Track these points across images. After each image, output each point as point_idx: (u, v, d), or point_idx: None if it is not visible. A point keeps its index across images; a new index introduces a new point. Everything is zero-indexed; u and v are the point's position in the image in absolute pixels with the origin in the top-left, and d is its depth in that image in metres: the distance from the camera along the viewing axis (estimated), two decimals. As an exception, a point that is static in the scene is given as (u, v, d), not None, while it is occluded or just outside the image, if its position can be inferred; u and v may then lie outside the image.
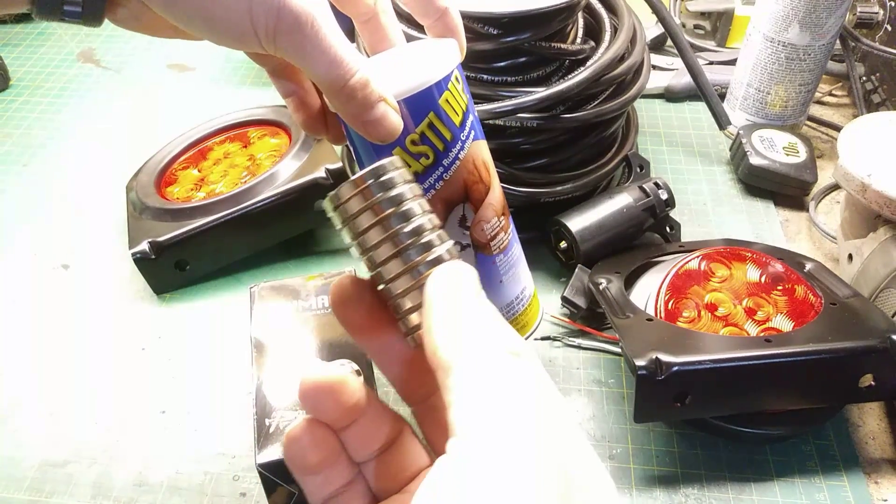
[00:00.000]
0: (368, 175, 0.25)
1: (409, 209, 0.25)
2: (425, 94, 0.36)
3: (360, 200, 0.25)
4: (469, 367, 0.23)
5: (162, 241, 0.54)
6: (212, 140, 0.63)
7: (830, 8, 0.60)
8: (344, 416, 0.27)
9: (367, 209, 0.25)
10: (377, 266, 0.26)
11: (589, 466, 0.23)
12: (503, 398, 0.22)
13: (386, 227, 0.25)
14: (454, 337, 0.23)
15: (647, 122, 0.72)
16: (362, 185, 0.25)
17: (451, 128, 0.38)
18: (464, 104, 0.38)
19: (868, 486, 0.44)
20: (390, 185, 0.25)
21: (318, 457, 0.27)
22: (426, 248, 0.25)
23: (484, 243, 0.41)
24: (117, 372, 0.50)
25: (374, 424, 0.28)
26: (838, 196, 0.64)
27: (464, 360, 0.23)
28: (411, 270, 0.25)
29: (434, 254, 0.25)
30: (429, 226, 0.26)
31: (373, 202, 0.25)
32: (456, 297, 0.24)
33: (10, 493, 0.44)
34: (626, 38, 0.55)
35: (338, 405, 0.27)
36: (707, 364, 0.41)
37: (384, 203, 0.25)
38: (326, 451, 0.27)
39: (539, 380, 0.23)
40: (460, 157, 0.39)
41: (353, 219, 0.26)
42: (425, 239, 0.25)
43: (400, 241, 0.25)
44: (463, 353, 0.23)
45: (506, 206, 0.43)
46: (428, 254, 0.25)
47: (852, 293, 0.47)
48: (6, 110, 0.75)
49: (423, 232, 0.25)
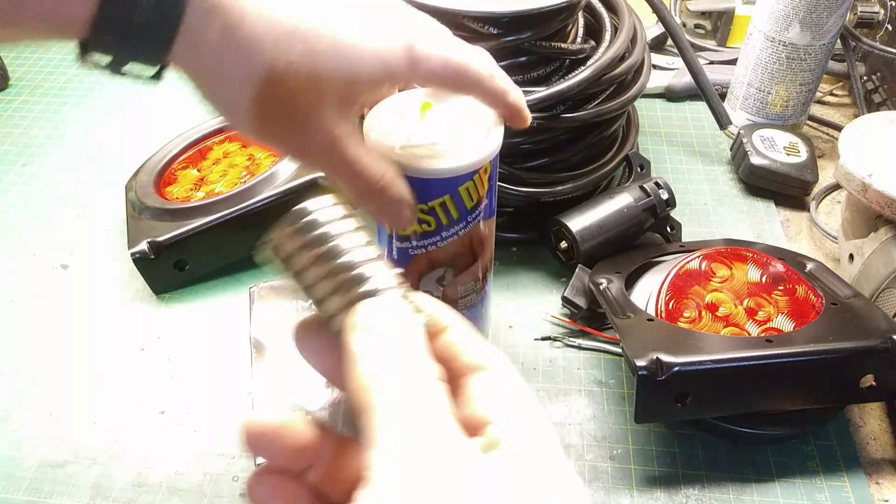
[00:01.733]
0: (298, 214, 0.25)
1: (339, 244, 0.25)
2: (448, 181, 0.37)
3: (293, 240, 0.25)
4: (385, 410, 0.22)
5: (161, 241, 0.53)
6: (211, 140, 0.63)
7: (831, 7, 0.60)
8: (297, 459, 0.26)
9: (300, 248, 0.25)
10: (320, 304, 0.25)
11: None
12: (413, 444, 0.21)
13: (320, 263, 0.25)
14: (372, 378, 0.22)
15: (647, 121, 0.72)
16: (293, 224, 0.25)
17: (461, 211, 0.39)
18: (483, 191, 0.39)
19: (869, 486, 0.44)
20: (320, 223, 0.25)
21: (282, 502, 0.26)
22: (360, 281, 0.25)
23: (453, 300, 0.43)
24: (117, 372, 0.50)
25: (337, 460, 0.27)
26: (839, 196, 0.64)
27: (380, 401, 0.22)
28: (350, 303, 0.24)
29: (367, 285, 0.25)
30: (363, 257, 0.25)
31: (305, 240, 0.25)
32: (378, 336, 0.23)
33: (10, 494, 0.44)
34: (627, 37, 0.55)
35: (284, 449, 0.26)
36: (708, 364, 0.40)
37: (316, 240, 0.25)
38: (287, 498, 0.26)
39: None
40: (460, 234, 0.40)
41: (290, 259, 0.25)
42: (358, 271, 0.25)
43: (333, 274, 0.25)
44: (380, 396, 0.22)
45: (487, 270, 0.44)
46: (361, 285, 0.25)
47: (853, 293, 0.47)
48: (6, 110, 0.75)
49: (357, 265, 0.25)
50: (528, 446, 0.22)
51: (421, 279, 0.42)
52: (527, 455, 0.22)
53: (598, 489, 0.43)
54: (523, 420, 0.23)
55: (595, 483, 0.44)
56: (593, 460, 0.45)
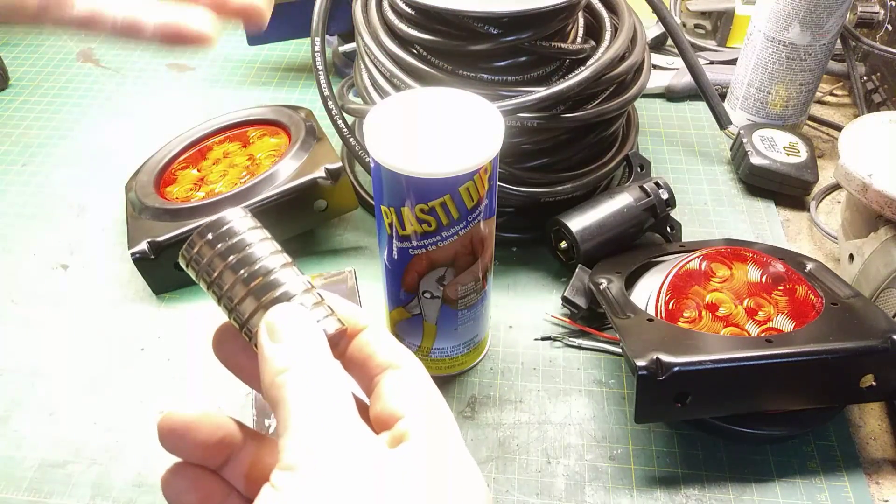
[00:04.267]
0: (212, 226, 0.27)
1: (252, 252, 0.27)
2: (448, 181, 0.37)
3: (207, 249, 0.27)
4: (293, 403, 0.23)
5: (161, 240, 0.53)
6: (211, 140, 0.63)
7: (831, 7, 0.60)
8: (212, 455, 0.27)
9: (214, 256, 0.27)
10: (233, 309, 0.27)
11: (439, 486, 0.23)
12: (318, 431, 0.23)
13: (234, 270, 0.26)
14: (280, 375, 0.24)
15: (647, 121, 0.72)
16: (207, 235, 0.27)
17: (462, 210, 0.39)
18: (483, 191, 0.39)
19: (869, 486, 0.44)
20: (233, 233, 0.27)
21: (196, 498, 0.27)
22: (273, 286, 0.26)
23: (453, 300, 0.43)
24: (117, 372, 0.50)
25: (256, 457, 0.28)
26: (839, 196, 0.64)
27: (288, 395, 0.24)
28: (262, 307, 0.26)
29: (280, 290, 0.26)
30: (275, 264, 0.27)
31: (219, 249, 0.26)
32: (286, 337, 0.25)
33: (10, 494, 0.44)
34: (627, 37, 0.55)
35: (197, 445, 0.27)
36: (708, 364, 0.40)
37: (229, 249, 0.26)
38: (204, 492, 0.27)
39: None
40: (460, 233, 0.40)
41: (205, 267, 0.27)
42: (271, 277, 0.26)
43: (247, 281, 0.26)
44: (288, 390, 0.24)
45: (487, 270, 0.44)
46: (274, 290, 0.26)
47: (853, 293, 0.47)
48: (6, 110, 0.75)
49: (269, 271, 0.26)
50: (433, 440, 0.24)
51: (421, 279, 0.43)
52: (431, 448, 0.24)
53: (598, 489, 0.43)
54: (429, 415, 0.25)
55: (595, 483, 0.44)
56: (593, 460, 0.45)
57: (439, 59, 0.53)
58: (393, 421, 0.25)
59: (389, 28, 0.55)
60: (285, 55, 0.82)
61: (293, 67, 0.80)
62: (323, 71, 0.60)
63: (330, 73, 0.61)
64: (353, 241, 0.60)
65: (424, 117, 0.40)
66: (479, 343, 0.49)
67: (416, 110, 0.40)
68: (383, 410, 0.25)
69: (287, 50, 0.82)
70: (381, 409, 0.25)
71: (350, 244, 0.60)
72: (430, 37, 0.52)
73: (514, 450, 0.45)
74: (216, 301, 0.27)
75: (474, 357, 0.49)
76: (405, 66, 0.53)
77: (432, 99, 0.41)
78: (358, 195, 0.60)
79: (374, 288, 0.51)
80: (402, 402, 0.25)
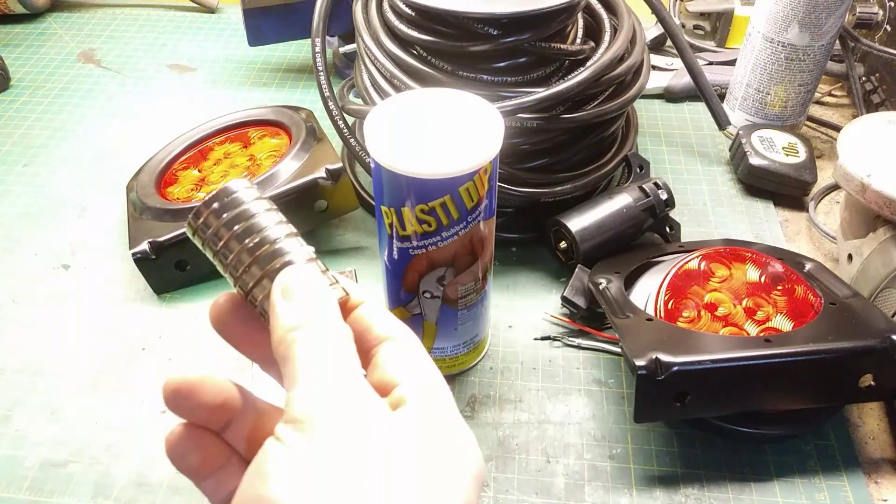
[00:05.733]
0: (218, 196, 0.27)
1: (258, 221, 0.27)
2: (448, 181, 0.37)
3: (213, 218, 0.27)
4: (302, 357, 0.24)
5: (162, 241, 0.54)
6: (212, 140, 0.63)
7: (830, 8, 0.61)
8: (214, 416, 0.28)
9: (221, 226, 0.27)
10: (239, 277, 0.27)
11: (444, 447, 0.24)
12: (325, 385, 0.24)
13: (240, 239, 0.27)
14: (292, 330, 0.25)
15: (646, 122, 0.72)
16: (213, 205, 0.27)
17: (461, 210, 0.39)
18: (483, 192, 0.39)
19: (868, 486, 0.44)
20: (239, 202, 0.27)
21: (199, 458, 0.28)
22: (279, 255, 0.27)
23: (453, 300, 0.43)
24: (118, 372, 0.50)
25: (257, 421, 0.29)
26: (838, 196, 0.64)
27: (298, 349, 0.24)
28: (267, 275, 0.27)
29: (286, 258, 0.27)
30: (280, 234, 0.27)
31: (225, 219, 0.27)
32: (299, 296, 0.26)
33: (11, 493, 0.44)
34: (626, 38, 0.55)
35: (201, 405, 0.27)
36: (707, 364, 0.41)
37: (235, 217, 0.27)
38: (207, 452, 0.28)
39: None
40: (460, 234, 0.40)
41: (211, 237, 0.27)
42: (277, 246, 0.27)
43: (253, 250, 0.27)
44: (299, 345, 0.25)
45: (487, 270, 0.45)
46: (280, 258, 0.27)
47: (852, 293, 0.47)
48: (7, 110, 0.75)
49: (275, 240, 0.27)
50: (429, 404, 0.25)
51: (421, 279, 0.43)
52: (427, 411, 0.25)
53: (597, 488, 0.44)
54: (425, 382, 0.26)
55: (594, 482, 0.44)
56: (593, 459, 0.45)
57: (439, 59, 0.53)
58: (391, 388, 0.26)
59: (390, 29, 0.55)
60: (286, 56, 0.82)
61: (294, 68, 0.80)
62: (323, 72, 0.60)
63: (330, 74, 0.61)
64: (353, 241, 0.60)
65: (424, 118, 0.40)
66: (479, 343, 0.49)
67: (416, 111, 0.40)
68: (381, 378, 0.26)
69: (288, 51, 0.83)
70: (380, 376, 0.26)
71: (350, 244, 0.60)
72: (430, 38, 0.52)
73: (514, 449, 0.46)
74: (221, 269, 0.28)
75: (474, 357, 0.50)
76: (405, 66, 0.53)
77: (432, 99, 0.41)
78: (358, 195, 0.60)
79: (374, 288, 0.51)
80: (398, 370, 0.26)
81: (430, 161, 0.37)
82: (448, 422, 0.26)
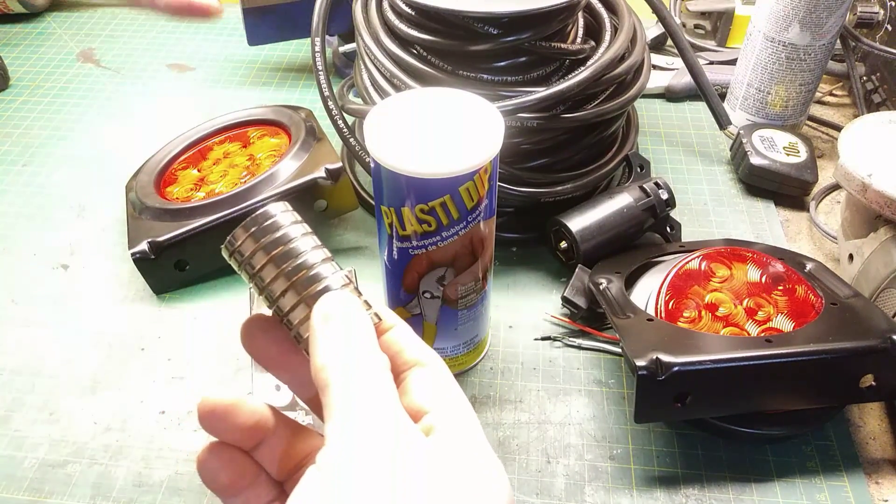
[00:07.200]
0: (256, 220, 0.28)
1: (296, 246, 0.27)
2: (448, 181, 0.37)
3: (251, 243, 0.28)
4: (342, 386, 0.25)
5: (161, 241, 0.53)
6: (211, 140, 0.63)
7: (831, 8, 0.60)
8: (247, 437, 0.29)
9: (258, 250, 0.27)
10: (275, 301, 0.28)
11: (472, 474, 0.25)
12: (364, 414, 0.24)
13: (277, 264, 0.27)
14: (332, 359, 0.25)
15: (647, 121, 0.72)
16: (252, 229, 0.27)
17: (461, 210, 0.39)
18: (483, 192, 0.39)
19: (869, 486, 0.44)
20: (277, 227, 0.28)
21: (229, 477, 0.28)
22: (315, 280, 0.27)
23: (453, 300, 0.43)
24: (117, 372, 0.50)
25: (288, 443, 0.29)
26: (839, 196, 0.64)
27: (338, 378, 0.25)
28: (304, 301, 0.27)
29: (323, 284, 0.27)
30: (317, 259, 0.28)
31: (263, 243, 0.27)
32: (339, 324, 0.26)
33: (10, 493, 0.44)
34: (627, 37, 0.55)
35: (235, 427, 0.28)
36: (708, 364, 0.40)
37: (273, 243, 0.27)
38: (237, 471, 0.28)
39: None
40: (460, 234, 0.40)
41: (248, 260, 0.28)
42: (314, 271, 0.27)
43: (291, 275, 0.27)
44: (339, 373, 0.25)
45: (487, 270, 0.44)
46: (317, 284, 0.27)
47: (853, 293, 0.47)
48: (6, 110, 0.75)
49: (312, 265, 0.27)
50: (458, 433, 0.26)
51: (421, 279, 0.43)
52: (457, 440, 0.25)
53: (598, 489, 0.43)
54: (454, 410, 0.26)
55: (595, 483, 0.44)
56: (593, 460, 0.45)
57: (439, 59, 0.53)
58: (420, 415, 0.26)
59: (389, 28, 0.55)
60: (285, 55, 0.82)
61: (293, 68, 0.80)
62: (323, 71, 0.60)
63: (330, 74, 0.61)
64: (353, 241, 0.60)
65: (424, 117, 0.40)
66: (479, 343, 0.49)
67: (416, 110, 0.40)
68: (410, 405, 0.26)
69: (287, 50, 0.82)
70: (409, 403, 0.27)
71: (350, 244, 0.60)
72: (430, 37, 0.52)
73: (514, 449, 0.46)
74: (257, 293, 0.28)
75: (474, 357, 0.50)
76: (405, 66, 0.53)
77: (432, 99, 0.41)
78: (358, 195, 0.60)
79: (374, 288, 0.51)
80: (428, 398, 0.26)
81: (430, 161, 0.37)
82: (477, 451, 0.26)
